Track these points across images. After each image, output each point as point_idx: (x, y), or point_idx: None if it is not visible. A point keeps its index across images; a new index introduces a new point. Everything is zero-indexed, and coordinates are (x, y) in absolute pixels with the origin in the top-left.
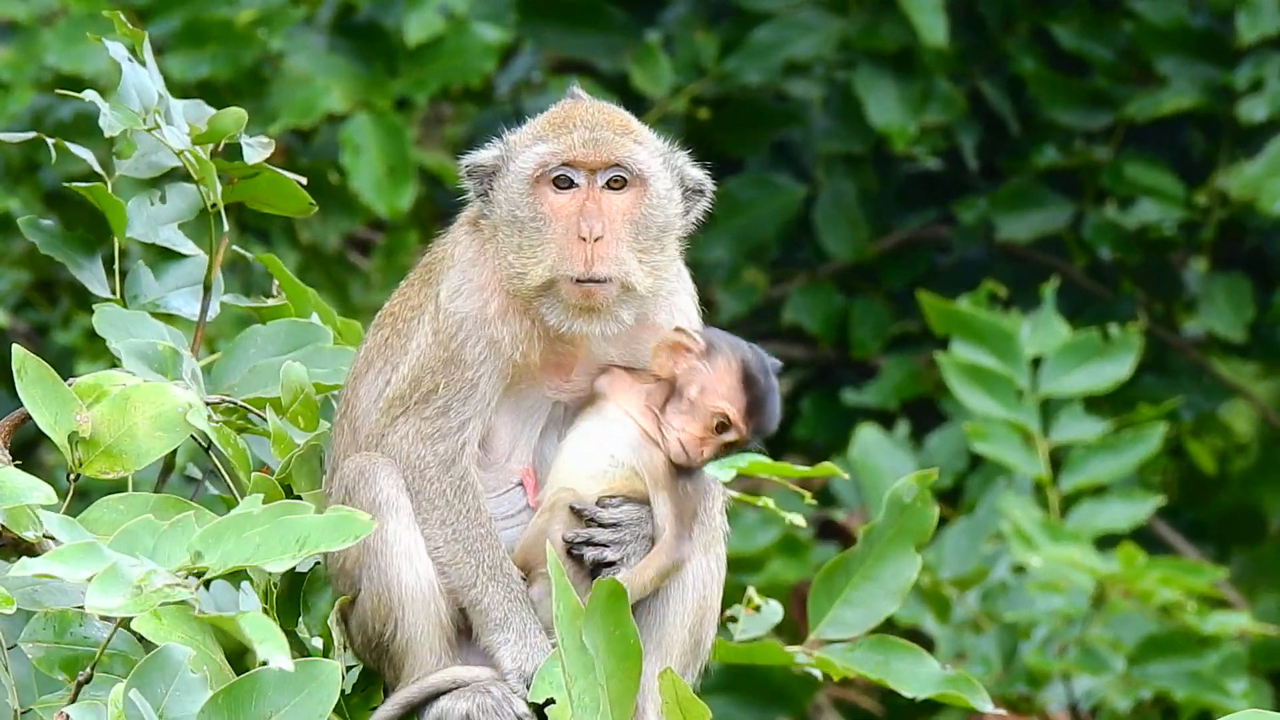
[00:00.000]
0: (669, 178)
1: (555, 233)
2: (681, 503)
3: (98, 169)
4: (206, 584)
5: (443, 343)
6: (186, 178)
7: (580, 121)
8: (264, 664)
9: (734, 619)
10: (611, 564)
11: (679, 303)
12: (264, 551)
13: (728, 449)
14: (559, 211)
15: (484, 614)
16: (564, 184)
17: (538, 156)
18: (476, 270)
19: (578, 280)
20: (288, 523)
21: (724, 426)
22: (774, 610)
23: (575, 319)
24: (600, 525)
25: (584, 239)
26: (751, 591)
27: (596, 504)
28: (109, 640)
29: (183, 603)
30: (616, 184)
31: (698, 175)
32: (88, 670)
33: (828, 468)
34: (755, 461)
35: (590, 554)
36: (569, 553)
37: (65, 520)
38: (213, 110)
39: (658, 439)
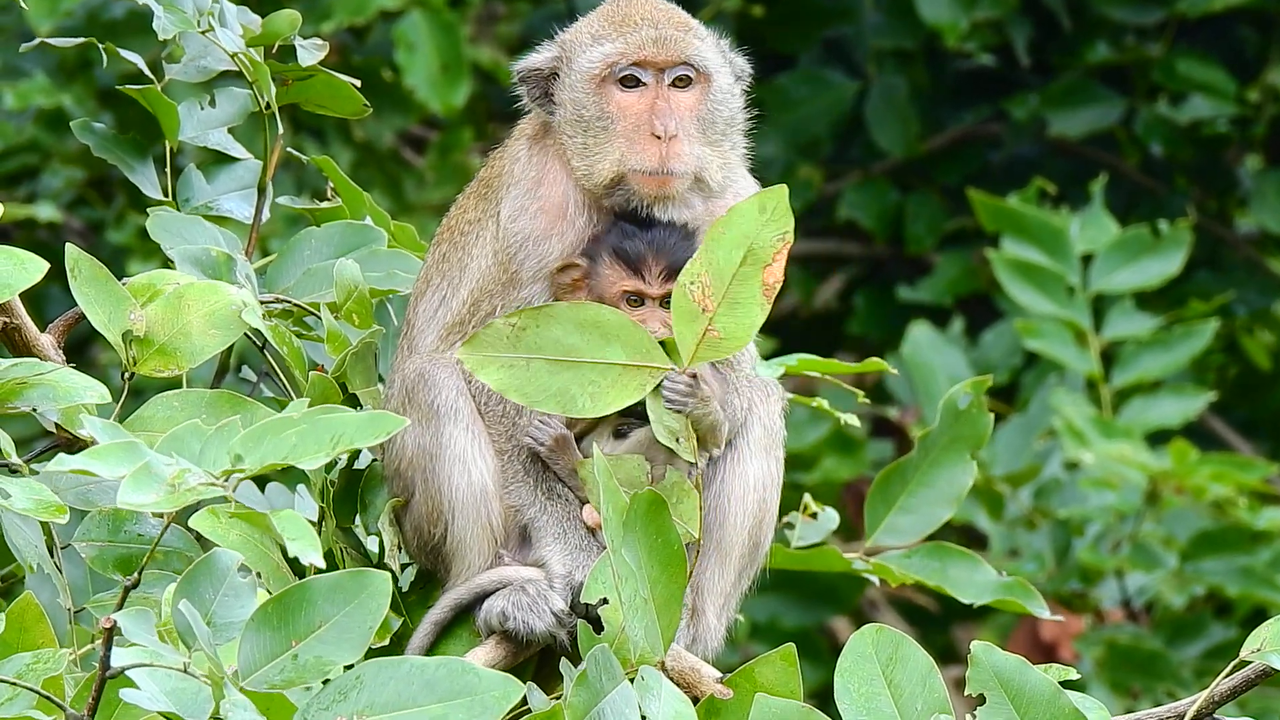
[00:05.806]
0: (729, 72)
1: (624, 129)
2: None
3: (147, 73)
4: (262, 485)
5: (503, 264)
6: (236, 81)
7: (642, 19)
8: (318, 571)
9: (791, 525)
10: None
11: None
12: (300, 450)
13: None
14: (627, 110)
15: (541, 530)
16: (631, 83)
17: (605, 56)
18: (542, 190)
19: (650, 173)
20: (323, 421)
21: (636, 299)
22: (830, 517)
23: (649, 207)
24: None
25: (658, 137)
26: (808, 498)
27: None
28: (159, 539)
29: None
30: (682, 82)
31: (742, 62)
32: (134, 576)
33: (876, 363)
34: (805, 359)
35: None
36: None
37: (107, 424)
38: (258, 18)
39: None
